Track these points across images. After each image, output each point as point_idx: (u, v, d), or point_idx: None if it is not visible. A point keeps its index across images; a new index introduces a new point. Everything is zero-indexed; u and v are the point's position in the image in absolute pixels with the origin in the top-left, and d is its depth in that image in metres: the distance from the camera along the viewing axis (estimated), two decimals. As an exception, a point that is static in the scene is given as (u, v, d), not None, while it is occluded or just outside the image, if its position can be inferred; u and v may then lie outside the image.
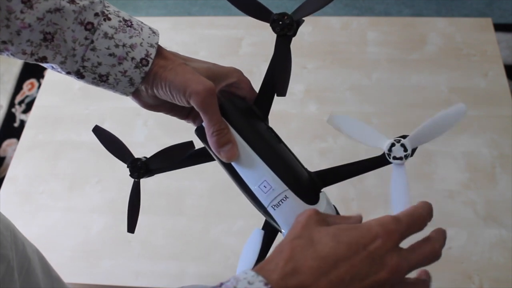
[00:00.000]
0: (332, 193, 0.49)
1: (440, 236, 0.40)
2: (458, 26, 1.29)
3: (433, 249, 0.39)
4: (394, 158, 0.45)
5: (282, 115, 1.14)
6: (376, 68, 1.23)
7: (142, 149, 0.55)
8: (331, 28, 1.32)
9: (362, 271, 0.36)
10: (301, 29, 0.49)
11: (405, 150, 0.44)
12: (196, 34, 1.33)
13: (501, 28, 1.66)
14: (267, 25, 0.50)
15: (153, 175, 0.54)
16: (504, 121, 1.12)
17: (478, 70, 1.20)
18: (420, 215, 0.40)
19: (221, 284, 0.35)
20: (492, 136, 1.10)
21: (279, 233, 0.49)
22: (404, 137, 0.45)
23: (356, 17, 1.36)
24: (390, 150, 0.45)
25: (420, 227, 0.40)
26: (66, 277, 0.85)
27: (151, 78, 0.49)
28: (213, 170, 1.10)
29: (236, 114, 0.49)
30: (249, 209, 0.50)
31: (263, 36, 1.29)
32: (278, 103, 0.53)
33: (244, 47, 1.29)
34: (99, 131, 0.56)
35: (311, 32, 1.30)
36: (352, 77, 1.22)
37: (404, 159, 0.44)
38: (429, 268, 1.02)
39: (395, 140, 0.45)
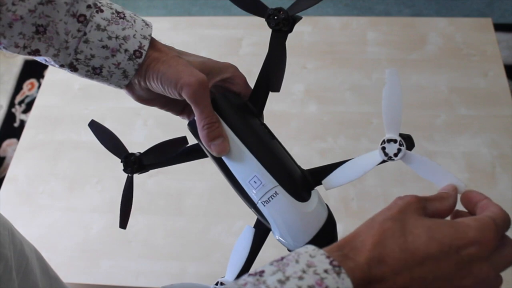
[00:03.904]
0: (332, 193, 0.49)
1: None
2: (458, 26, 1.29)
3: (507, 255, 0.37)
4: (395, 155, 0.44)
5: (282, 115, 1.14)
6: (376, 68, 1.23)
7: (142, 149, 0.55)
8: (331, 28, 1.32)
9: (447, 275, 0.34)
10: (301, 29, 0.49)
11: (396, 155, 0.44)
12: (196, 34, 1.33)
13: (501, 28, 1.66)
14: (267, 25, 0.50)
15: (147, 170, 0.54)
16: (504, 121, 1.12)
17: (478, 70, 1.20)
18: (509, 220, 0.38)
19: (283, 258, 0.34)
20: (492, 136, 1.10)
21: (271, 232, 0.48)
22: (408, 139, 0.44)
23: (356, 17, 1.36)
24: (388, 141, 0.44)
25: (508, 229, 0.38)
26: (66, 277, 0.85)
27: (144, 70, 0.49)
28: (212, 170, 1.10)
29: (229, 109, 0.49)
30: (249, 209, 0.50)
31: (263, 36, 1.28)
32: (278, 103, 0.53)
33: (244, 47, 1.29)
34: (94, 126, 0.57)
35: (311, 32, 1.30)
36: (352, 77, 1.22)
37: (386, 158, 0.44)
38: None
39: (400, 139, 0.44)
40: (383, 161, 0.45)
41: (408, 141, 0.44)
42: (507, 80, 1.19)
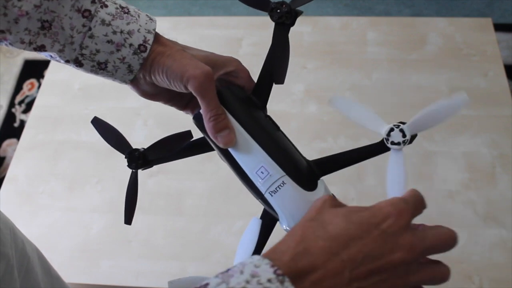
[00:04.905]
0: (332, 192, 0.49)
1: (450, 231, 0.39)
2: (458, 26, 1.29)
3: (449, 232, 0.38)
4: (392, 143, 0.44)
5: (282, 115, 1.14)
6: (376, 68, 1.23)
7: (142, 149, 0.55)
8: (331, 28, 1.32)
9: (375, 251, 0.35)
10: (301, 29, 0.49)
11: (404, 135, 0.44)
12: (196, 34, 1.33)
13: (501, 28, 1.66)
14: (267, 25, 0.50)
15: (151, 166, 0.54)
16: (504, 121, 1.12)
17: (478, 70, 1.20)
18: (422, 198, 0.40)
19: (228, 270, 0.35)
20: (492, 136, 1.10)
21: (278, 222, 0.48)
22: (403, 123, 0.45)
23: (356, 17, 1.36)
24: (388, 134, 0.45)
25: (422, 210, 0.40)
26: (66, 277, 0.85)
27: (149, 65, 0.49)
28: (213, 170, 1.10)
29: (234, 101, 0.49)
30: (249, 209, 0.50)
31: (263, 36, 1.29)
32: (278, 103, 0.53)
33: (244, 47, 1.29)
34: (98, 122, 0.57)
35: (311, 32, 1.30)
36: (352, 77, 1.22)
37: (402, 144, 0.44)
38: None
39: (394, 125, 0.45)
40: (382, 147, 0.45)
41: (398, 123, 0.45)
42: (507, 80, 1.19)
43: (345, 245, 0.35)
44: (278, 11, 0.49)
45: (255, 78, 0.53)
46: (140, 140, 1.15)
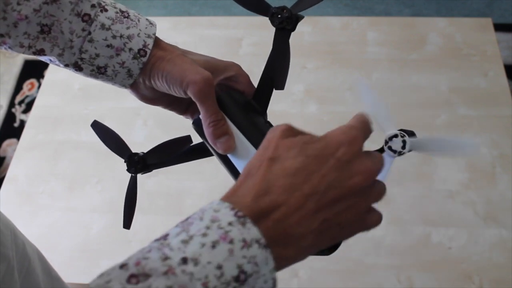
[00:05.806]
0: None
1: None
2: (458, 26, 1.29)
3: (379, 154, 0.40)
4: (389, 148, 0.44)
5: (282, 115, 1.14)
6: (376, 68, 1.23)
7: (141, 149, 0.55)
8: (331, 28, 1.32)
9: (334, 180, 0.36)
10: (301, 29, 0.49)
11: (403, 147, 0.44)
12: (196, 34, 1.33)
13: (501, 28, 1.66)
14: (267, 25, 0.50)
15: (150, 170, 0.54)
16: (504, 121, 1.12)
17: (478, 70, 1.20)
18: (368, 121, 0.41)
19: (188, 218, 0.35)
20: (492, 136, 1.10)
21: None
22: (410, 133, 0.44)
23: (356, 17, 1.36)
24: (390, 139, 0.44)
25: (370, 134, 0.41)
26: (66, 277, 0.84)
27: (149, 69, 0.49)
28: (212, 170, 1.10)
29: (234, 107, 0.49)
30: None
31: (263, 36, 1.29)
32: (278, 102, 0.53)
33: (244, 47, 1.29)
34: (97, 126, 0.57)
35: (311, 32, 1.30)
36: (352, 77, 1.22)
37: (396, 154, 0.44)
38: (430, 267, 1.01)
39: (400, 132, 0.44)
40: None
41: (407, 131, 0.44)
42: (507, 80, 1.19)
43: (305, 179, 0.36)
44: (279, 16, 0.49)
45: (255, 78, 0.52)
46: (140, 140, 1.15)
